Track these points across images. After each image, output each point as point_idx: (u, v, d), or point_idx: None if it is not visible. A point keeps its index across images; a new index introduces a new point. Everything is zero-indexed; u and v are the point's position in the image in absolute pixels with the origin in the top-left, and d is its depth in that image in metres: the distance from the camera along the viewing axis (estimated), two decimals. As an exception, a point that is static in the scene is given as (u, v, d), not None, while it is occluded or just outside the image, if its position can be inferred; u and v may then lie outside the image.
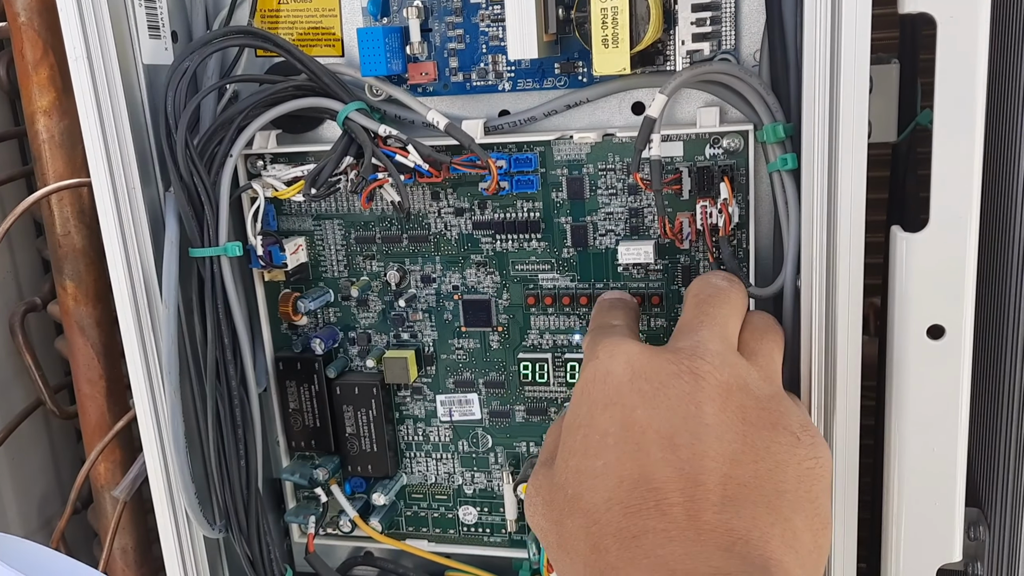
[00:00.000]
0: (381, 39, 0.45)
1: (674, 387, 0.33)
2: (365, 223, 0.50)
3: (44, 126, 0.55)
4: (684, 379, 0.33)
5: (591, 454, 0.32)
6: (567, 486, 0.33)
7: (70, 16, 0.43)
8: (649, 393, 0.33)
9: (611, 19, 0.38)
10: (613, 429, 0.32)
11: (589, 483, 0.32)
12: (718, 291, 0.38)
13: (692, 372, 0.33)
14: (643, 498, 0.30)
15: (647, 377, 0.33)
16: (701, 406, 0.32)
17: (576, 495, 0.32)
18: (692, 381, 0.33)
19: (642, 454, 0.31)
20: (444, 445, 0.53)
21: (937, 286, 0.37)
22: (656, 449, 0.31)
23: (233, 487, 0.49)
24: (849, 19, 0.35)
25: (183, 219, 0.46)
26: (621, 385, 0.34)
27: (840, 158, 0.37)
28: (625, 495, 0.31)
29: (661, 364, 0.34)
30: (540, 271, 0.48)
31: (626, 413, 0.33)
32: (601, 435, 0.33)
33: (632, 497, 0.30)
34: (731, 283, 0.39)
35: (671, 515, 0.30)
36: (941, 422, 0.39)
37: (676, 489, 0.30)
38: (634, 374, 0.34)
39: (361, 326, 0.52)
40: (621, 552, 0.29)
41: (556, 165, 0.46)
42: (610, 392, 0.34)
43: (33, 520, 0.71)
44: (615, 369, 0.34)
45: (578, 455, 0.33)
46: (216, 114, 0.47)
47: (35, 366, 0.64)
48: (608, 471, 0.32)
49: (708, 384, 0.33)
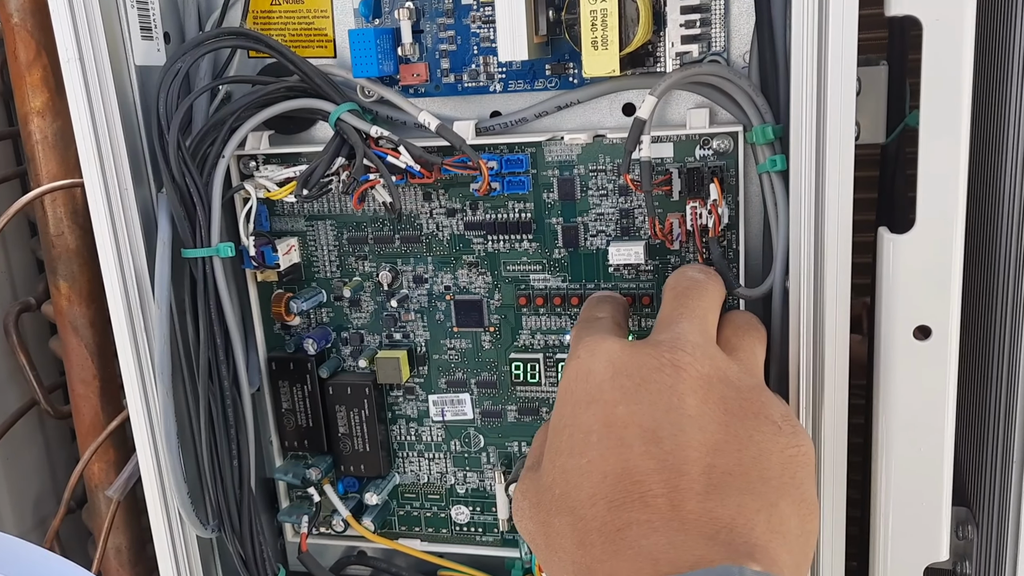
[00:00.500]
0: (373, 40, 0.45)
1: (655, 381, 0.33)
2: (357, 224, 0.50)
3: (37, 127, 0.55)
4: (665, 372, 0.33)
5: (576, 452, 0.33)
6: (554, 486, 0.33)
7: (62, 18, 0.43)
8: (630, 389, 0.33)
9: (600, 21, 0.39)
10: (596, 427, 0.33)
11: (575, 481, 0.32)
12: (695, 284, 0.39)
13: (673, 364, 0.33)
14: (627, 491, 0.30)
15: (628, 373, 0.34)
16: (683, 398, 0.33)
17: (563, 494, 0.32)
18: (673, 374, 0.33)
19: (625, 449, 0.31)
20: (436, 445, 0.53)
21: (923, 287, 0.38)
22: (639, 443, 0.31)
23: (226, 487, 0.49)
24: (836, 22, 0.36)
25: (175, 220, 0.46)
26: (603, 383, 0.34)
27: (828, 159, 0.37)
28: (609, 489, 0.31)
29: (641, 359, 0.34)
30: (531, 272, 0.49)
31: (608, 410, 0.33)
32: (585, 433, 0.33)
33: (616, 491, 0.31)
34: (707, 275, 0.40)
35: (655, 506, 0.30)
36: (928, 422, 0.39)
37: (659, 480, 0.30)
38: (615, 371, 0.34)
39: (354, 326, 0.52)
40: (606, 546, 0.30)
41: (547, 166, 0.47)
42: (592, 390, 0.34)
43: (28, 519, 0.71)
44: (596, 367, 0.34)
45: (564, 455, 0.33)
46: (208, 115, 0.47)
47: (29, 366, 0.64)
48: (592, 468, 0.32)
49: (689, 376, 0.33)
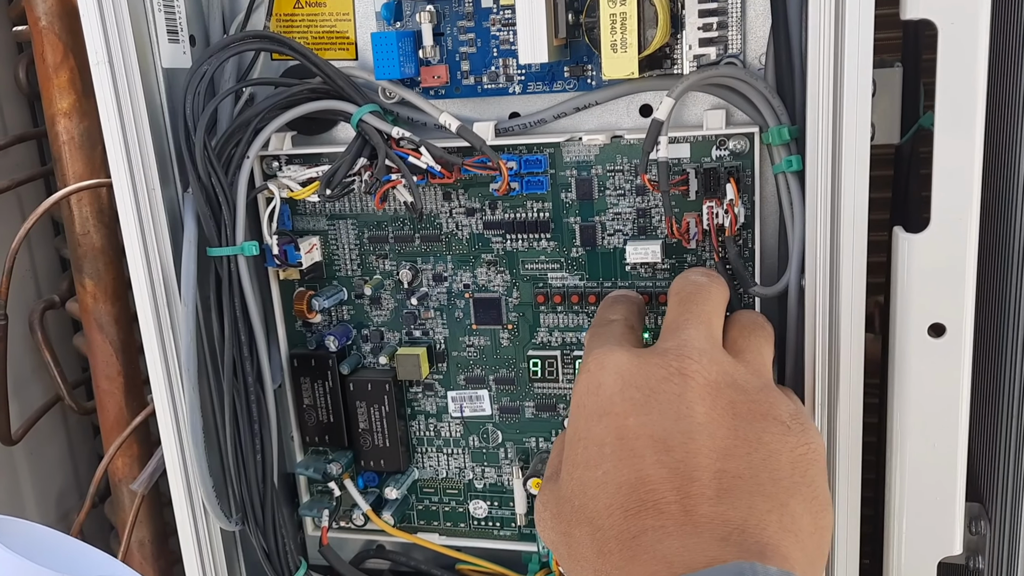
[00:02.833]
0: (395, 43, 0.46)
1: (663, 391, 0.34)
2: (378, 223, 0.51)
3: (64, 128, 0.56)
4: (673, 381, 0.34)
5: (591, 465, 0.34)
6: (573, 498, 0.34)
7: (92, 21, 0.44)
8: (640, 400, 0.34)
9: (620, 24, 0.39)
10: (609, 439, 0.33)
11: (592, 492, 0.33)
12: (699, 288, 0.39)
13: (680, 373, 0.34)
14: (641, 500, 0.31)
15: (637, 385, 0.34)
16: (692, 406, 0.33)
17: (581, 506, 0.33)
18: (681, 382, 0.34)
19: (637, 459, 0.32)
20: (455, 440, 0.54)
21: (938, 285, 0.38)
22: (650, 453, 0.32)
23: (249, 481, 0.50)
24: (852, 24, 0.36)
25: (201, 219, 0.47)
26: (613, 395, 0.34)
27: (844, 160, 0.38)
28: (624, 499, 0.32)
29: (649, 369, 0.35)
30: (549, 270, 0.49)
31: (619, 422, 0.34)
32: (599, 446, 0.34)
33: (630, 500, 0.32)
34: (711, 279, 0.40)
35: (668, 512, 0.31)
36: (942, 418, 0.39)
37: (672, 488, 0.31)
38: (624, 383, 0.34)
39: (374, 324, 0.53)
40: (623, 552, 0.31)
41: (565, 166, 0.47)
42: (603, 403, 0.35)
43: (51, 514, 0.72)
44: (605, 380, 0.35)
45: (580, 467, 0.34)
46: (233, 117, 0.48)
47: (54, 363, 0.66)
48: (607, 479, 0.33)
49: (696, 383, 0.34)
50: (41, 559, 0.35)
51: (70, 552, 0.40)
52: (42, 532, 0.39)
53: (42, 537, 0.39)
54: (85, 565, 0.39)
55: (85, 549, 0.40)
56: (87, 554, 0.40)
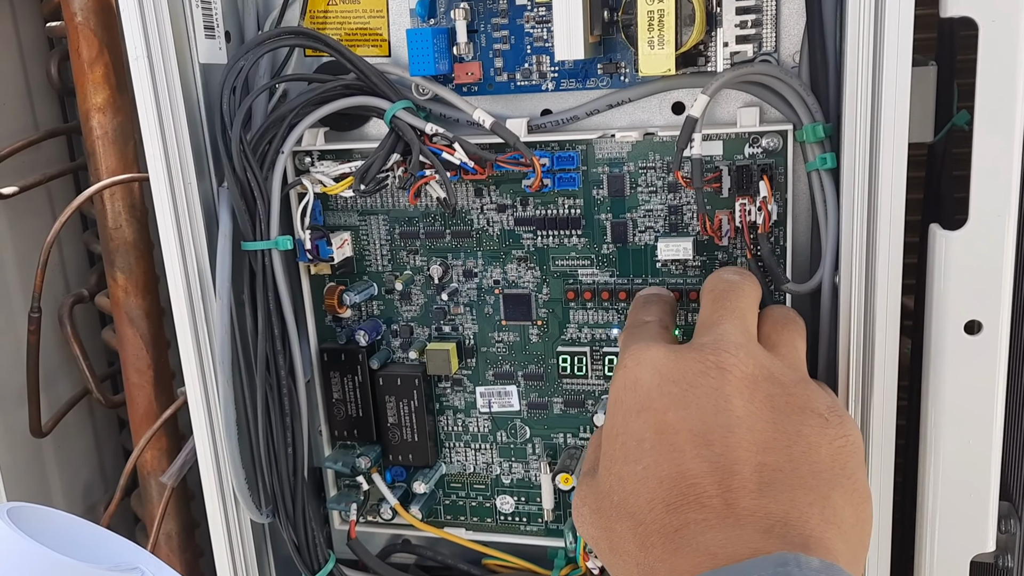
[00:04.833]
0: (430, 40, 0.46)
1: (701, 385, 0.34)
2: (409, 218, 0.52)
3: (98, 122, 0.56)
4: (711, 375, 0.34)
5: (631, 460, 0.34)
6: (612, 493, 0.34)
7: (132, 16, 0.45)
8: (678, 395, 0.34)
9: (658, 21, 0.40)
10: (648, 434, 0.34)
11: (632, 487, 0.33)
12: (732, 286, 0.39)
13: (717, 367, 0.34)
14: (682, 494, 0.32)
15: (674, 379, 0.35)
16: (730, 399, 0.33)
17: (621, 500, 0.33)
18: (718, 376, 0.34)
19: (678, 454, 0.33)
20: (483, 436, 0.54)
21: (974, 282, 0.38)
22: (690, 447, 0.33)
23: (280, 474, 0.51)
24: (892, 22, 0.36)
25: (236, 213, 0.47)
26: (651, 390, 0.35)
27: (881, 158, 0.38)
28: (665, 493, 0.32)
29: (687, 364, 0.35)
30: (580, 266, 0.50)
31: (658, 417, 0.34)
32: (638, 441, 0.34)
33: (672, 495, 0.32)
34: (743, 276, 0.40)
35: (710, 506, 0.31)
36: (977, 415, 0.39)
37: (713, 482, 0.31)
38: (662, 378, 0.35)
39: (404, 319, 0.54)
40: (666, 545, 0.31)
41: (597, 163, 0.47)
42: (641, 399, 0.35)
43: (78, 505, 0.73)
44: (643, 376, 0.35)
45: (619, 462, 0.34)
46: (267, 112, 0.49)
47: (83, 356, 0.66)
48: (648, 474, 0.33)
49: (734, 377, 0.34)
50: (62, 546, 0.35)
51: (96, 540, 0.40)
52: (67, 520, 0.39)
53: (66, 524, 0.39)
54: (109, 553, 0.39)
55: (111, 537, 0.40)
56: (113, 542, 0.40)
